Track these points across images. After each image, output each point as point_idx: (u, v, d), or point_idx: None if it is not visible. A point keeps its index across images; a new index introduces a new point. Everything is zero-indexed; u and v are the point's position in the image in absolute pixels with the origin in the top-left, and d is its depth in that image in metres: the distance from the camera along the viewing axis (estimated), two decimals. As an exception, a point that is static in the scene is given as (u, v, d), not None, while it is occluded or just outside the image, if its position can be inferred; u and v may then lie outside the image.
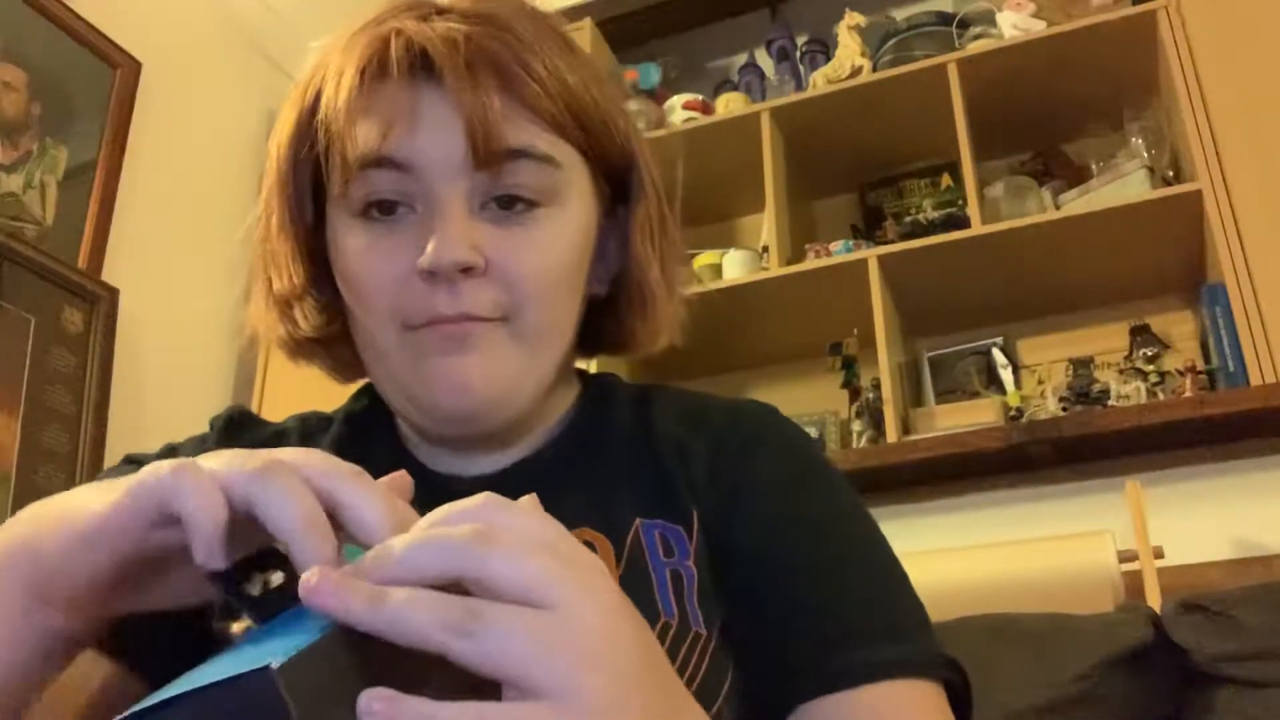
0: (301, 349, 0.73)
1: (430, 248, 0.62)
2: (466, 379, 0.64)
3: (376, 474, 0.53)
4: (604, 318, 0.75)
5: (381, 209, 0.65)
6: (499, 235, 0.64)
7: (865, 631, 0.62)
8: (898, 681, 0.60)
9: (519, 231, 0.65)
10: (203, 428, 0.80)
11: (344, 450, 0.71)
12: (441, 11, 0.67)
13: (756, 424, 0.74)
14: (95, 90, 2.35)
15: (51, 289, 2.11)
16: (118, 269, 2.29)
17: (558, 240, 0.67)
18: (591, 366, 0.86)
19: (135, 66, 2.43)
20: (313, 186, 0.70)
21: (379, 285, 0.65)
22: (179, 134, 2.57)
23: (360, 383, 0.78)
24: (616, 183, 0.73)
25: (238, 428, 0.77)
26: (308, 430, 0.77)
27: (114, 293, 2.25)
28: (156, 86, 2.49)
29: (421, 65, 0.64)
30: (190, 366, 2.48)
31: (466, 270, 0.63)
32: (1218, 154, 1.91)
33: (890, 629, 0.63)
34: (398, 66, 0.64)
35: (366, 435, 0.75)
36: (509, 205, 0.65)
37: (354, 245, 0.66)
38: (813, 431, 2.22)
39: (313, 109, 0.67)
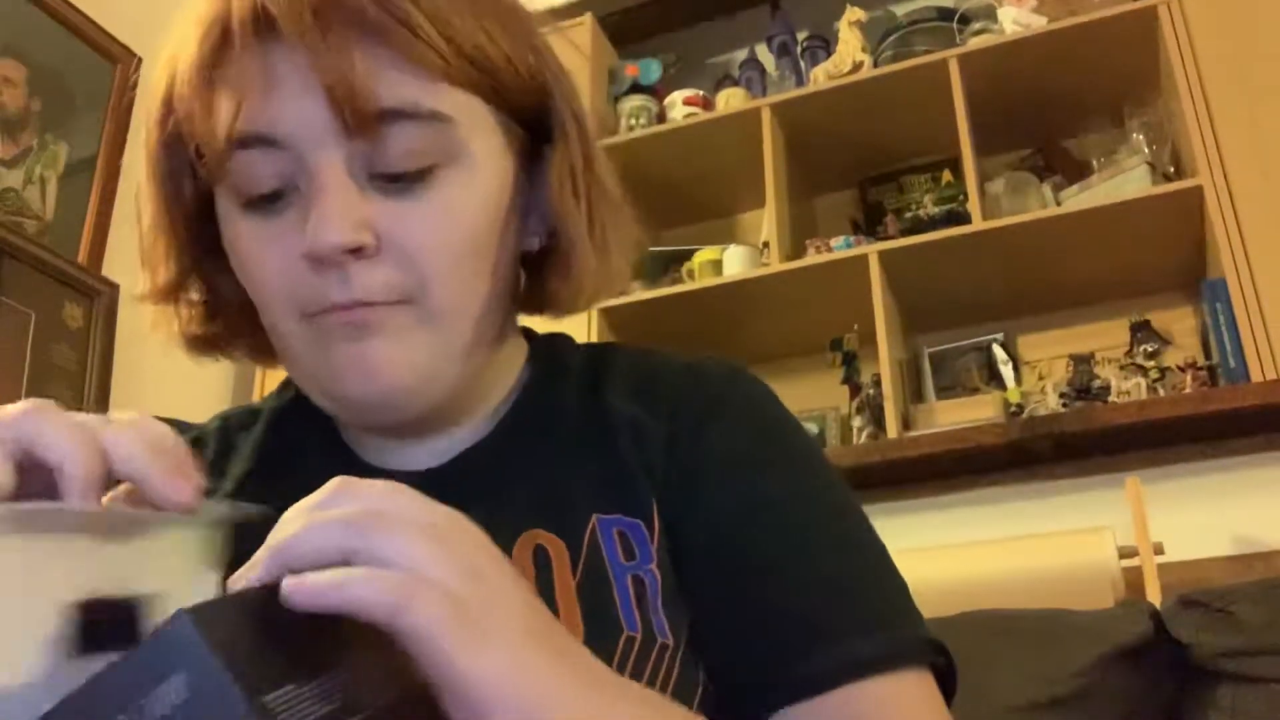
0: (198, 345, 0.68)
1: (309, 230, 0.55)
2: (372, 367, 0.57)
3: (314, 475, 0.47)
4: (535, 276, 0.67)
5: (261, 192, 0.58)
6: (392, 207, 0.57)
7: (838, 626, 0.56)
8: (876, 678, 0.55)
9: (415, 200, 0.57)
10: (203, 421, 0.77)
11: (272, 452, 0.67)
12: None
13: (715, 390, 0.66)
14: (95, 85, 2.34)
15: (52, 284, 2.11)
16: (118, 264, 2.29)
17: (462, 205, 0.58)
18: (582, 333, 0.77)
19: (135, 61, 2.43)
20: (192, 169, 0.62)
21: (268, 274, 0.58)
22: (179, 129, 2.57)
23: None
24: (534, 124, 0.64)
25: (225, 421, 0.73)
26: (229, 429, 0.71)
27: (114, 288, 2.24)
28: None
29: (266, 26, 0.55)
30: (190, 361, 2.48)
31: (356, 251, 0.56)
32: (1218, 150, 1.91)
33: (864, 620, 0.57)
34: (240, 31, 0.55)
35: (298, 433, 0.69)
36: (400, 172, 0.57)
37: (238, 232, 0.59)
38: (813, 428, 2.22)
39: (169, 87, 0.61)
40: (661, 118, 2.47)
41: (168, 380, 2.40)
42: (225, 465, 0.68)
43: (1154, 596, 1.63)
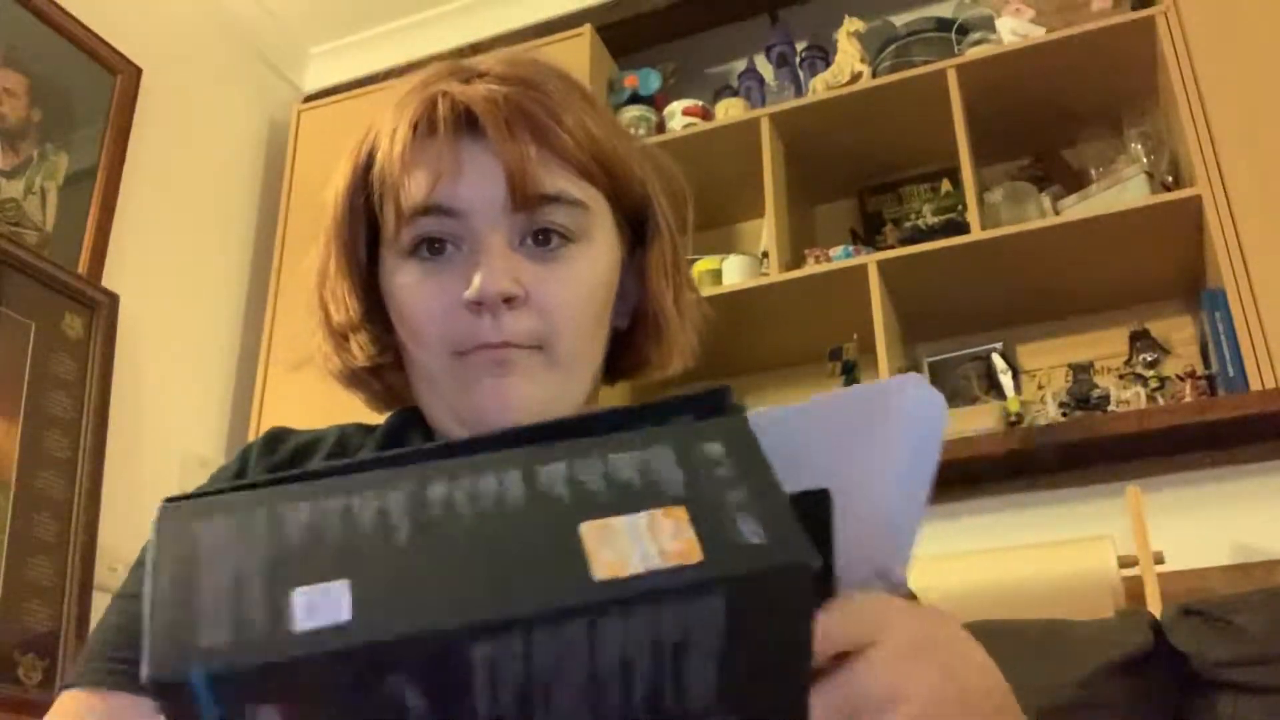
0: (355, 378, 0.80)
1: (476, 280, 0.70)
2: (508, 400, 0.71)
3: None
4: (622, 348, 0.83)
5: (430, 248, 0.73)
6: (536, 270, 0.72)
7: None
8: None
9: (554, 266, 0.73)
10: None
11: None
12: (481, 75, 0.76)
13: None
14: (96, 96, 2.35)
15: (52, 295, 2.11)
16: (118, 275, 2.30)
17: (588, 274, 0.74)
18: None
19: (135, 72, 2.44)
20: (367, 230, 0.78)
21: (430, 316, 0.72)
22: (179, 140, 2.57)
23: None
24: (634, 226, 0.81)
25: (276, 441, 0.83)
26: (345, 437, 0.84)
27: (114, 299, 2.25)
28: (157, 92, 2.49)
29: (466, 122, 0.73)
30: (190, 372, 2.48)
31: (509, 300, 0.70)
32: (1217, 159, 1.91)
33: None
34: (445, 124, 0.72)
35: (406, 440, 0.81)
36: (545, 241, 0.73)
37: (406, 281, 0.74)
38: (813, 437, 2.21)
39: (367, 163, 0.76)
40: (661, 128, 2.48)
41: (166, 392, 2.40)
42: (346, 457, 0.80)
43: (1154, 606, 1.63)
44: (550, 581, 0.37)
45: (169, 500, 0.41)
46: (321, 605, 0.36)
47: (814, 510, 0.46)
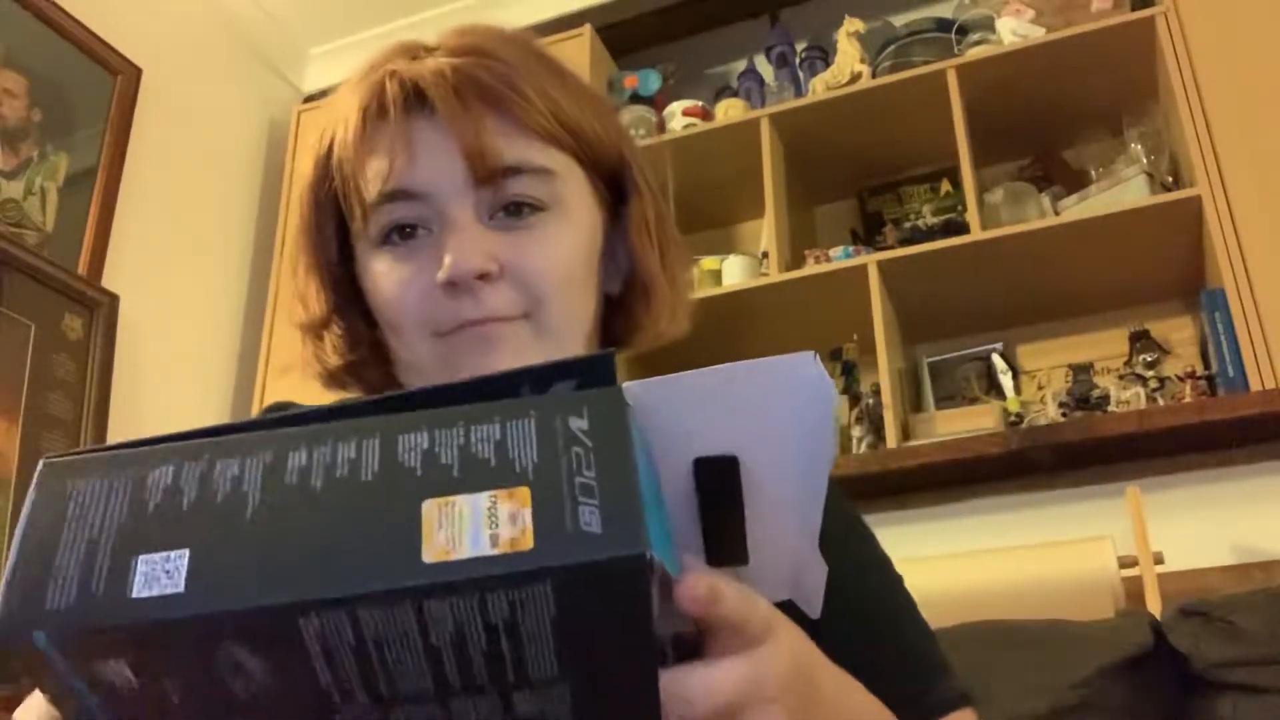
0: (333, 379, 0.79)
1: (447, 261, 0.68)
2: None
3: None
4: (615, 314, 0.80)
5: (401, 233, 0.71)
6: (510, 240, 0.70)
7: (940, 667, 0.75)
8: (967, 709, 0.73)
9: (527, 235, 0.70)
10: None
11: None
12: (431, 50, 0.74)
13: None
14: (96, 97, 2.35)
15: (52, 295, 2.11)
16: (118, 275, 2.29)
17: (564, 240, 0.72)
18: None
19: (135, 73, 2.44)
20: (336, 223, 0.76)
21: (407, 301, 0.70)
22: (179, 140, 2.57)
23: None
24: (614, 188, 0.78)
25: (276, 412, 0.83)
26: (345, 410, 0.82)
27: (114, 299, 2.25)
28: (157, 93, 2.49)
29: (416, 100, 0.70)
30: (190, 373, 2.48)
31: (483, 276, 0.68)
32: (1217, 159, 1.91)
33: (947, 665, 0.75)
34: (395, 105, 0.70)
35: None
36: (516, 212, 0.71)
37: (380, 270, 0.72)
38: (813, 437, 2.21)
39: (327, 154, 0.74)
40: (661, 128, 2.47)
41: (166, 392, 2.40)
42: None
43: (1154, 606, 1.63)
44: (379, 562, 0.38)
45: (50, 457, 0.43)
46: (160, 574, 0.38)
47: (721, 476, 0.47)
